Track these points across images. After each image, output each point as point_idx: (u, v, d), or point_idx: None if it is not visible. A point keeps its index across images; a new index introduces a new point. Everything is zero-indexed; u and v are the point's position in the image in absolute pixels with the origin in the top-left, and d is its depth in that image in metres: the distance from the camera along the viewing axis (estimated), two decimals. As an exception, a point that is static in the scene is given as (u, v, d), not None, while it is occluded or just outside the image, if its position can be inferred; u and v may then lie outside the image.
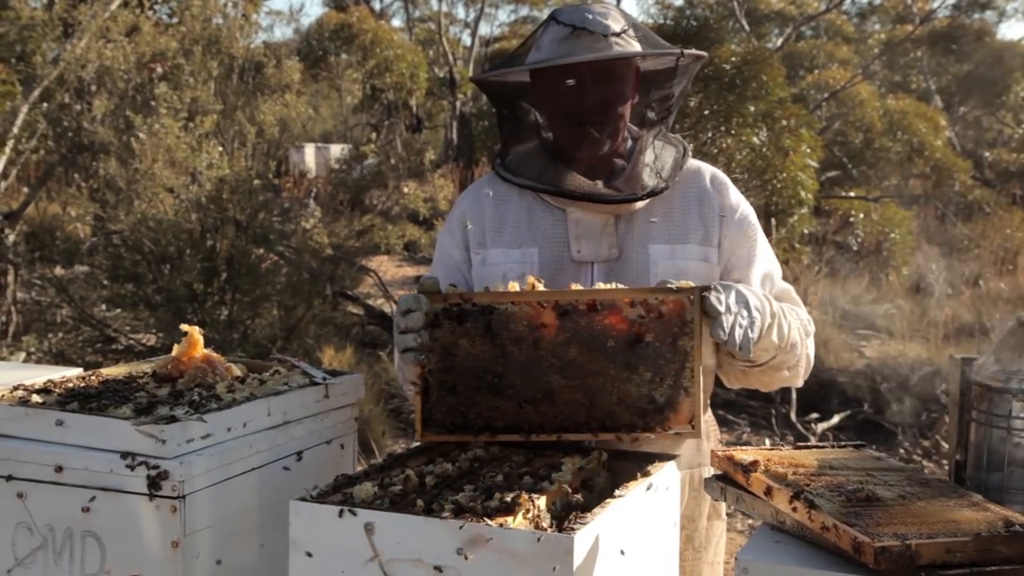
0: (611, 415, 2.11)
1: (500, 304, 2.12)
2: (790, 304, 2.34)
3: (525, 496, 1.77)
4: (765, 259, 2.43)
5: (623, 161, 2.39)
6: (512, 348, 2.12)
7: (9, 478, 2.02)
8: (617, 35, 2.31)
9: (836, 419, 7.44)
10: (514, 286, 2.15)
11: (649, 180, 2.36)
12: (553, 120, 2.40)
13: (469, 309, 2.12)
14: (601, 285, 2.15)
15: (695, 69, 2.48)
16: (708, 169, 2.48)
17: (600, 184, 2.35)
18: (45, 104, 8.79)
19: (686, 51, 2.39)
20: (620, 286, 2.14)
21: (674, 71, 2.42)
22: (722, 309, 2.04)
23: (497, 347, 2.12)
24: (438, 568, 1.68)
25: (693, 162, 2.47)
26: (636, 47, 2.34)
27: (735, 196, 2.44)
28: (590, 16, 2.32)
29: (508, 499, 1.76)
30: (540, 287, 2.15)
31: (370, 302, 9.57)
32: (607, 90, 2.32)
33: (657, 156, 2.42)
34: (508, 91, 2.48)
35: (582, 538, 1.64)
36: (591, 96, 2.31)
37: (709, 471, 2.42)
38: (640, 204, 2.36)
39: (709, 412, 2.51)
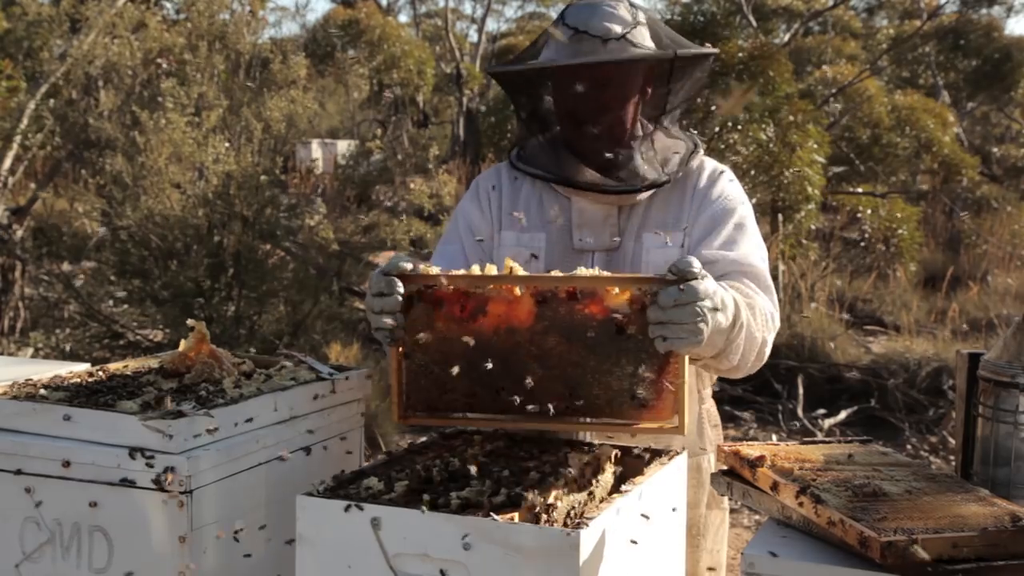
0: (591, 407, 2.01)
1: (476, 288, 2.02)
2: (751, 294, 2.24)
3: (532, 491, 1.77)
4: (728, 243, 2.34)
5: (628, 153, 2.41)
6: (489, 334, 2.02)
7: (17, 472, 2.03)
8: (619, 38, 2.32)
9: (843, 415, 7.42)
10: (491, 269, 2.05)
11: (651, 173, 2.39)
12: (558, 116, 2.46)
13: (445, 292, 2.02)
14: (582, 271, 2.03)
15: (707, 66, 2.49)
16: (711, 164, 2.50)
17: (604, 176, 2.38)
18: (52, 100, 8.80)
19: (683, 53, 2.38)
20: (604, 273, 2.04)
21: (684, 68, 2.43)
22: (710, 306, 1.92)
23: (473, 332, 2.02)
24: (444, 563, 1.68)
25: (703, 158, 2.49)
26: (643, 47, 2.35)
27: (720, 187, 2.44)
28: (595, 18, 2.33)
29: (515, 494, 1.77)
30: (519, 271, 2.04)
31: (377, 298, 9.54)
32: (604, 93, 2.35)
33: (662, 150, 2.44)
34: (521, 85, 2.52)
35: (588, 534, 1.64)
36: (588, 100, 2.34)
37: (711, 458, 2.44)
38: (643, 196, 2.40)
39: (710, 400, 2.52)
